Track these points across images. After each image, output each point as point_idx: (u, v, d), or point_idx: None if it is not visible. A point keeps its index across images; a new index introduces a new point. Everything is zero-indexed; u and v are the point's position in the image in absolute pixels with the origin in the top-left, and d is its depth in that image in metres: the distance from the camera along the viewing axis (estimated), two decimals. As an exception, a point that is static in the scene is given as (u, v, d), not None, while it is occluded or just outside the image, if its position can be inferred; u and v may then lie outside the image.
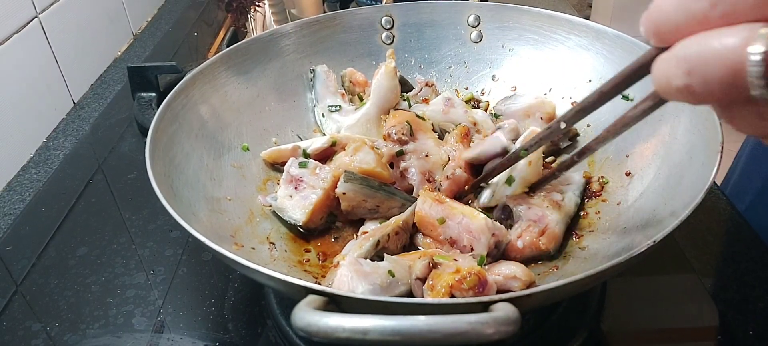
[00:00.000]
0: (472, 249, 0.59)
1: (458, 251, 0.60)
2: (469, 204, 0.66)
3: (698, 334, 0.62)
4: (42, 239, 0.76)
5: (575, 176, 0.69)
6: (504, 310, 0.37)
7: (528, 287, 0.54)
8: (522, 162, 0.62)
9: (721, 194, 0.77)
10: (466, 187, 0.68)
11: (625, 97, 0.72)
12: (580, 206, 0.67)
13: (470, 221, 0.59)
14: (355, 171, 0.65)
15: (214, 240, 0.49)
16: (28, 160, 0.93)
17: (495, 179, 0.65)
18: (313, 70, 0.83)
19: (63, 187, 0.86)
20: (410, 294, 0.54)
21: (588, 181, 0.70)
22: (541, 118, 0.76)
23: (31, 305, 0.67)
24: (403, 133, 0.69)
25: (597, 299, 0.63)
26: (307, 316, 0.37)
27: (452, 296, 0.50)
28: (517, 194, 0.64)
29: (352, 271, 0.52)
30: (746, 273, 0.66)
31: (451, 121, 0.75)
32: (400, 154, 0.69)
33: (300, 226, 0.66)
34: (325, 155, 0.73)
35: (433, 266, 0.54)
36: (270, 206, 0.68)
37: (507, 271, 0.55)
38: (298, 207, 0.65)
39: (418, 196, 0.65)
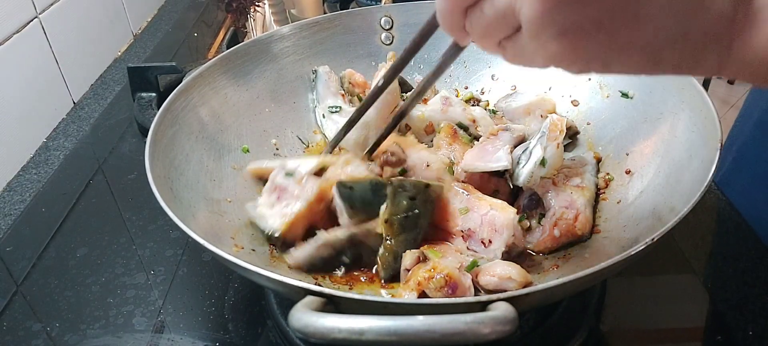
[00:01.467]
0: (490, 242, 0.59)
1: (466, 247, 0.60)
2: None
3: (698, 334, 0.62)
4: (42, 239, 0.76)
5: (587, 156, 0.70)
6: (501, 309, 0.37)
7: (524, 287, 0.54)
8: (553, 147, 0.64)
9: (721, 194, 0.77)
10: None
11: (625, 96, 0.73)
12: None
13: (498, 214, 0.59)
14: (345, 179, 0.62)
15: (213, 242, 0.49)
16: (28, 160, 0.93)
17: (530, 161, 0.65)
18: (315, 70, 0.83)
19: (63, 187, 0.86)
20: None
21: (599, 161, 0.71)
22: (541, 116, 0.76)
23: (31, 305, 0.67)
24: (399, 154, 0.69)
25: (597, 299, 0.63)
26: (304, 317, 0.37)
27: (423, 294, 0.52)
28: (547, 177, 0.65)
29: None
30: (746, 273, 0.66)
31: (450, 119, 0.75)
32: (404, 173, 0.68)
33: (278, 236, 0.61)
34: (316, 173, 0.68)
35: (423, 259, 0.55)
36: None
37: (502, 272, 0.54)
38: (278, 216, 0.61)
39: (443, 185, 0.64)
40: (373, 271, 0.61)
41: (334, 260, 0.60)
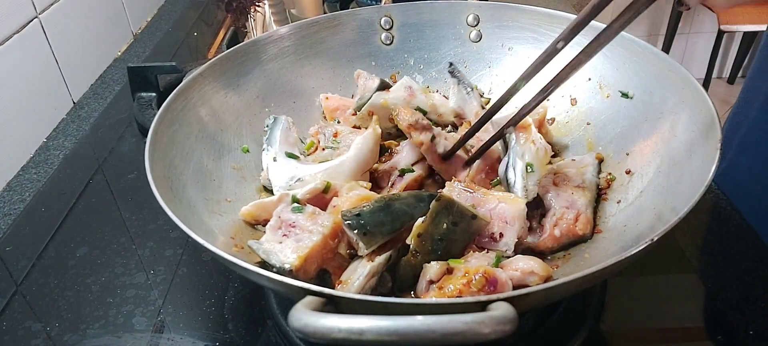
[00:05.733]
0: (501, 236, 0.59)
1: (475, 246, 0.59)
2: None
3: (698, 334, 0.62)
4: (42, 239, 0.76)
5: (588, 156, 0.70)
6: (501, 309, 0.37)
7: (545, 281, 0.54)
8: (532, 147, 0.64)
9: (721, 194, 0.77)
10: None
11: (625, 96, 0.73)
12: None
13: (508, 206, 0.59)
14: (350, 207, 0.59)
15: (213, 242, 0.49)
16: (28, 160, 0.93)
17: (517, 175, 0.65)
18: (275, 117, 0.77)
19: (63, 187, 0.86)
20: None
21: (601, 161, 0.71)
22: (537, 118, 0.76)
23: (31, 305, 0.67)
24: (427, 119, 0.69)
25: (597, 299, 0.63)
26: (304, 317, 0.37)
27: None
28: (541, 178, 0.65)
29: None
30: (746, 273, 0.66)
31: (412, 105, 0.78)
32: (433, 139, 0.68)
33: (290, 269, 0.54)
34: (318, 203, 0.64)
35: (449, 271, 0.54)
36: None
37: (524, 266, 0.54)
38: (290, 249, 0.55)
39: (446, 186, 0.64)
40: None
41: (378, 286, 0.56)
